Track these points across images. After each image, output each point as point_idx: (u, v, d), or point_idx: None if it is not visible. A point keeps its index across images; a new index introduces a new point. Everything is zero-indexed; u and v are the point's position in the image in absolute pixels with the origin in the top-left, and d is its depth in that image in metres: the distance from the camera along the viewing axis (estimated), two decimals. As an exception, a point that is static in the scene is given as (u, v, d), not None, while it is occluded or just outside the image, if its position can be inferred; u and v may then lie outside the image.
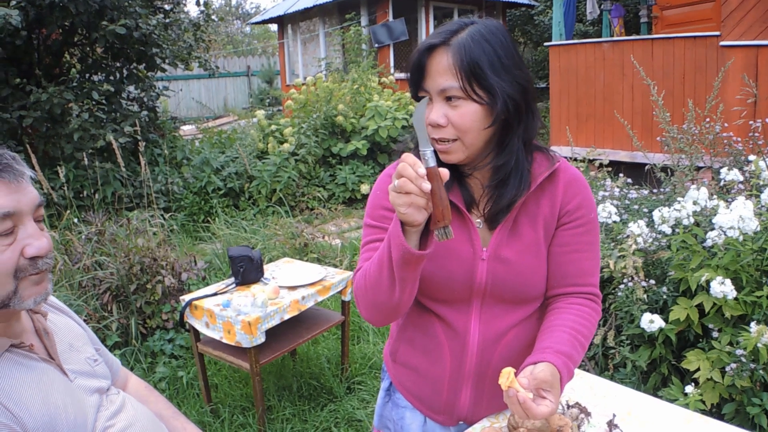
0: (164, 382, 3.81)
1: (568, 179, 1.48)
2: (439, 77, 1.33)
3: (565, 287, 1.50)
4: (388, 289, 1.33)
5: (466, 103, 1.34)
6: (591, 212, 1.50)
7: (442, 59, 1.33)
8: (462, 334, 1.50)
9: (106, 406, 1.43)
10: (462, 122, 1.34)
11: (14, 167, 1.24)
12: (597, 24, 12.61)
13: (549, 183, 1.47)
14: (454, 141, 1.36)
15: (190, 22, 9.31)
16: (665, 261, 3.04)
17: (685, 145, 3.89)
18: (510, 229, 1.46)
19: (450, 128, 1.35)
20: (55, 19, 6.88)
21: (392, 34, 12.83)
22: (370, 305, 1.41)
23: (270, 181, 8.09)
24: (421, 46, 1.37)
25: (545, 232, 1.48)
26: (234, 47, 28.15)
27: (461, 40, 1.33)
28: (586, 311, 1.47)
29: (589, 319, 1.47)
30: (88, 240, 4.64)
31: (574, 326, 1.42)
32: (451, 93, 1.33)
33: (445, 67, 1.33)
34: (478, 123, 1.36)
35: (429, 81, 1.35)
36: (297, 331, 3.45)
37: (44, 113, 6.94)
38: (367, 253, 1.50)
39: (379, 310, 1.41)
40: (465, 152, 1.39)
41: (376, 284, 1.35)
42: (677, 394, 2.66)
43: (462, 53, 1.32)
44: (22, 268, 1.24)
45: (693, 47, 6.79)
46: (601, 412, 1.56)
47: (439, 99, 1.35)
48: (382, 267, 1.31)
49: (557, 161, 1.48)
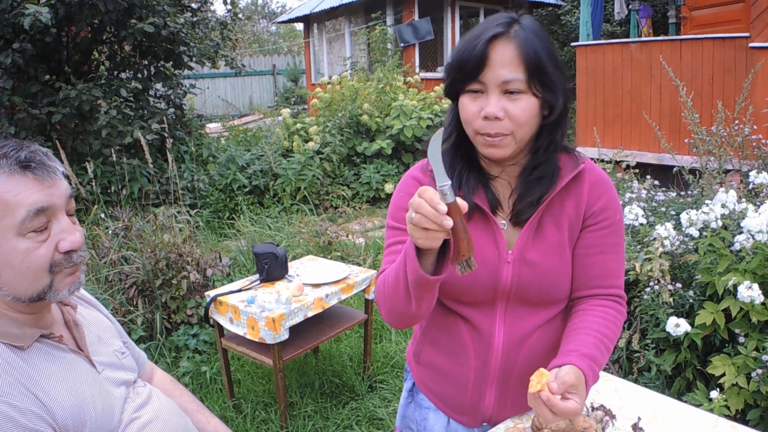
0: (188, 376, 3.84)
1: (593, 180, 1.47)
2: (502, 68, 1.30)
3: (590, 289, 1.48)
4: (404, 302, 1.32)
5: (526, 97, 1.32)
6: (617, 214, 1.48)
7: (507, 50, 1.30)
8: (486, 336, 1.49)
9: (132, 398, 1.45)
10: (522, 116, 1.32)
11: (47, 163, 1.26)
12: (624, 24, 12.49)
13: (574, 184, 1.45)
14: (507, 135, 1.34)
15: (217, 21, 9.36)
16: (692, 264, 3.01)
17: (714, 147, 3.85)
18: (535, 230, 1.45)
19: (507, 122, 1.32)
20: (84, 17, 6.95)
21: (418, 34, 12.80)
22: (389, 311, 1.41)
23: (295, 179, 8.11)
24: (483, 34, 1.31)
25: (570, 234, 1.46)
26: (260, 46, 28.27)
27: (523, 32, 1.31)
28: (611, 313, 1.45)
29: (615, 322, 1.45)
30: (115, 235, 4.69)
31: (599, 329, 1.40)
32: (514, 86, 1.30)
33: (510, 58, 1.30)
34: (533, 118, 1.35)
35: (489, 72, 1.30)
36: (320, 328, 3.46)
37: (73, 110, 7.03)
38: (390, 255, 1.50)
39: (398, 316, 1.41)
40: (514, 147, 1.37)
41: (394, 295, 1.34)
42: (702, 399, 2.64)
43: (527, 45, 1.29)
44: (57, 262, 1.26)
45: (722, 48, 6.71)
46: (626, 415, 1.55)
47: (496, 91, 1.31)
48: (398, 281, 1.30)
49: (582, 162, 1.46)
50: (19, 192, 1.20)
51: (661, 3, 11.24)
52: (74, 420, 1.25)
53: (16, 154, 1.21)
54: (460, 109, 1.39)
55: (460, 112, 1.40)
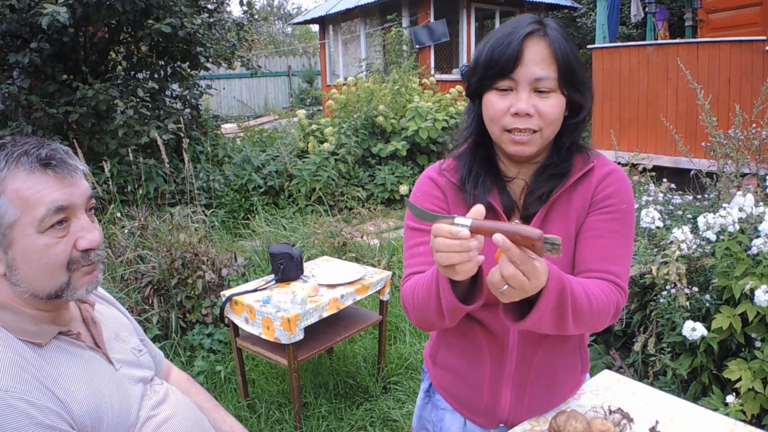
0: (202, 375, 3.86)
1: (604, 172, 1.45)
2: (535, 66, 1.30)
3: (583, 273, 1.41)
4: (437, 316, 1.31)
5: (555, 96, 1.33)
6: (623, 203, 1.43)
7: (540, 47, 1.31)
8: (501, 337, 1.49)
9: (149, 396, 1.46)
10: (551, 114, 1.33)
11: (67, 162, 1.27)
12: (641, 27, 12.42)
13: (583, 180, 1.44)
14: (535, 133, 1.34)
15: (233, 22, 9.40)
16: (709, 268, 2.99)
17: (731, 150, 3.82)
18: (540, 226, 1.42)
19: (536, 119, 1.33)
20: (101, 18, 7.00)
21: (433, 36, 12.80)
22: (419, 321, 1.41)
23: (310, 180, 8.13)
24: (516, 31, 1.32)
25: (577, 228, 1.44)
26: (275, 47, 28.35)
27: (553, 32, 1.32)
28: (603, 285, 1.35)
29: (606, 292, 1.34)
30: (131, 234, 4.73)
31: (583, 281, 1.33)
32: (545, 84, 1.31)
33: (543, 55, 1.31)
34: (560, 117, 1.36)
35: (522, 69, 1.31)
36: (335, 329, 3.47)
37: (90, 109, 7.07)
38: (413, 258, 1.49)
39: (429, 326, 1.42)
40: (539, 145, 1.37)
41: (426, 309, 1.33)
42: (717, 403, 2.62)
43: (559, 44, 1.31)
44: (74, 260, 1.27)
45: (739, 52, 6.66)
46: (643, 418, 1.54)
47: (527, 89, 1.32)
48: (430, 300, 1.29)
49: (593, 160, 1.45)
50: (39, 190, 1.21)
51: (677, 6, 11.17)
52: (92, 417, 1.26)
53: (37, 151, 1.22)
54: (486, 106, 1.39)
55: (486, 109, 1.39)
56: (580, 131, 1.44)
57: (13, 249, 1.21)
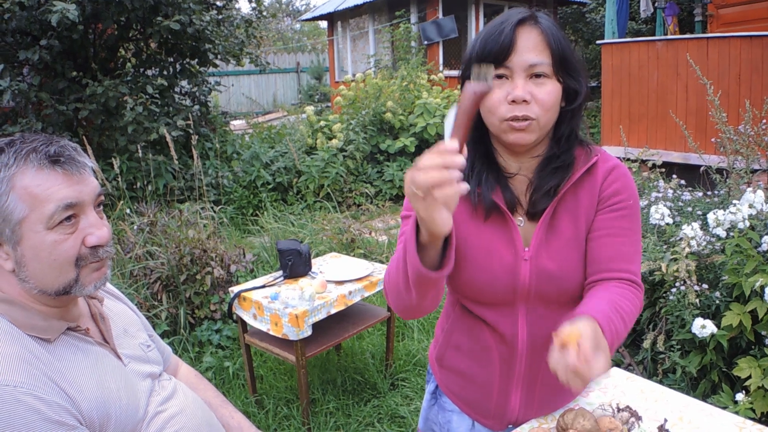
0: (210, 371, 3.87)
1: (607, 168, 1.44)
2: (529, 52, 1.31)
3: (600, 273, 1.39)
4: (405, 294, 1.28)
5: (551, 82, 1.32)
6: (629, 199, 1.43)
7: (533, 34, 1.31)
8: (510, 339, 1.47)
9: (158, 391, 1.46)
10: (548, 100, 1.32)
11: (76, 158, 1.27)
12: (650, 22, 12.36)
13: (588, 176, 1.43)
14: (533, 120, 1.33)
15: (242, 19, 9.41)
16: (719, 265, 2.98)
17: (741, 146, 3.79)
18: (549, 224, 1.42)
19: (533, 106, 1.32)
20: (110, 15, 7.02)
21: (442, 32, 12.78)
22: (394, 302, 1.38)
23: (318, 177, 8.14)
24: (508, 20, 1.32)
25: (586, 226, 1.43)
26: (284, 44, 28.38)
27: (545, 21, 1.33)
28: (627, 293, 1.35)
29: (630, 299, 1.34)
30: (140, 230, 4.74)
31: (612, 299, 1.30)
32: (540, 70, 1.31)
33: (536, 42, 1.31)
34: (557, 105, 1.35)
35: (516, 56, 1.31)
36: (343, 325, 3.47)
37: (99, 106, 7.11)
38: (400, 245, 1.46)
39: (404, 309, 1.37)
40: (538, 133, 1.36)
41: (396, 286, 1.31)
42: (727, 401, 2.61)
43: (551, 31, 1.31)
44: (83, 256, 1.27)
45: (749, 47, 6.61)
46: (652, 416, 1.53)
47: (522, 76, 1.32)
48: (399, 272, 1.27)
49: (595, 154, 1.45)
50: (48, 187, 1.21)
51: (687, 1, 11.11)
52: (100, 412, 1.26)
53: (46, 148, 1.23)
54: None
55: (483, 101, 1.38)
56: (578, 119, 1.43)
57: (22, 245, 1.22)
